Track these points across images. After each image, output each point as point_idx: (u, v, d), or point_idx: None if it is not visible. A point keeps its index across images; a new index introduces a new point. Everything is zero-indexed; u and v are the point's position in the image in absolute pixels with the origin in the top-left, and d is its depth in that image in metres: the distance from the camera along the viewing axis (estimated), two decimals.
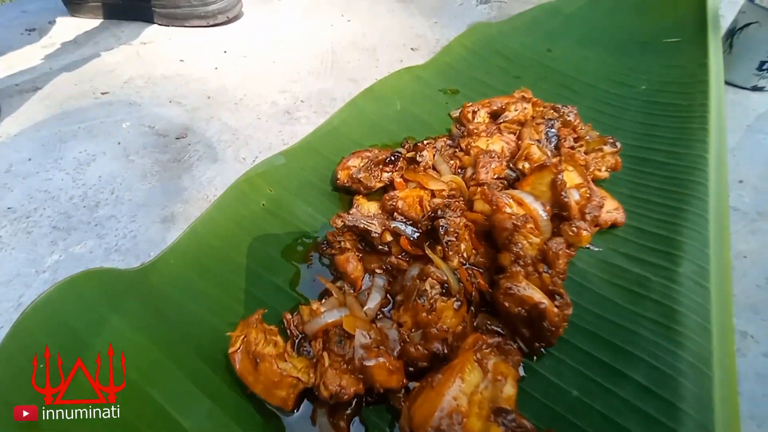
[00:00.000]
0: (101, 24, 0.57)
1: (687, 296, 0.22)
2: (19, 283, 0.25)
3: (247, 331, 0.20)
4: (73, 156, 0.34)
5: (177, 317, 0.22)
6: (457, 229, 0.22)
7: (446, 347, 0.19)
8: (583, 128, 0.34)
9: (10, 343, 0.19)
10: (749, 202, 0.31)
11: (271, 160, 0.30)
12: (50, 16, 0.60)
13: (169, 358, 0.20)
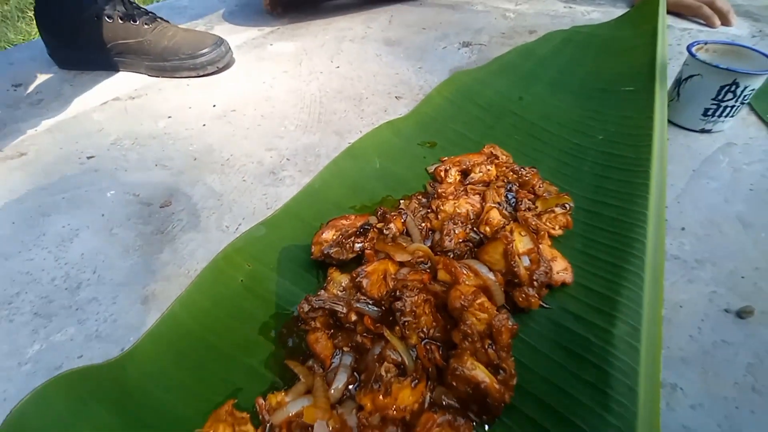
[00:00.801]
0: (90, 77, 0.59)
1: (619, 358, 0.24)
2: (1, 378, 0.27)
3: (218, 418, 0.22)
4: (56, 231, 0.36)
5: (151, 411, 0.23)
6: (414, 308, 0.25)
7: (402, 428, 0.21)
8: (542, 186, 0.37)
9: None
10: (689, 250, 0.34)
11: (251, 232, 0.33)
12: (37, 68, 0.62)
13: None
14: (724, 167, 0.42)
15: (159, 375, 0.24)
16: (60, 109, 0.52)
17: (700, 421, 0.24)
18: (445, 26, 0.74)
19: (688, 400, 0.25)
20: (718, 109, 0.44)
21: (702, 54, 0.46)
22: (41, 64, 0.63)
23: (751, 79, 0.42)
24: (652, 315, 0.27)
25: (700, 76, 0.44)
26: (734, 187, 0.40)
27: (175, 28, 0.58)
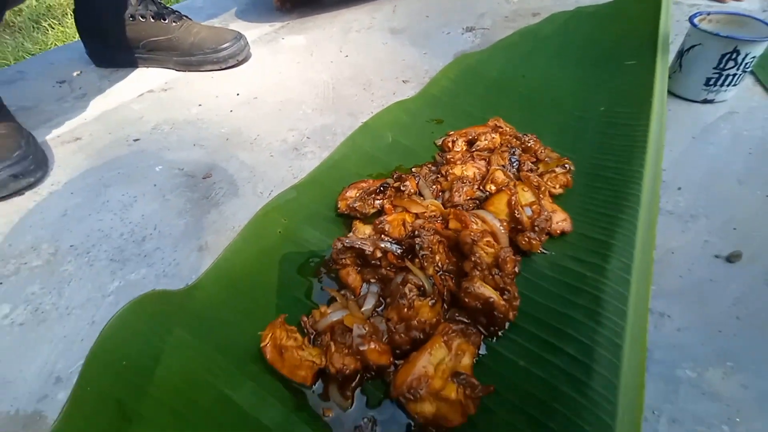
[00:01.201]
0: (124, 72, 0.67)
1: (611, 287, 0.29)
2: (90, 306, 0.33)
3: (273, 330, 0.28)
4: (117, 199, 0.43)
5: (218, 325, 0.30)
6: (431, 245, 0.30)
7: (423, 334, 0.26)
8: (543, 151, 0.42)
9: (99, 348, 0.27)
10: (684, 206, 0.38)
11: (284, 195, 0.39)
12: (76, 67, 0.70)
13: (219, 353, 0.28)
14: (725, 134, 0.46)
15: (219, 303, 0.30)
16: (102, 101, 0.60)
17: (686, 340, 0.29)
18: (448, 13, 0.80)
19: (675, 323, 0.30)
20: (720, 77, 0.48)
21: (704, 24, 0.50)
22: (79, 64, 0.71)
23: (752, 46, 0.46)
24: (644, 254, 0.32)
25: (701, 46, 0.48)
26: (733, 150, 0.44)
27: (199, 26, 0.65)
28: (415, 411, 0.24)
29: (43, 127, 0.55)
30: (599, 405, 0.24)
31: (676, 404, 0.26)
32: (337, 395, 0.26)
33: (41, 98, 0.62)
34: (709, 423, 0.25)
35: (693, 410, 0.25)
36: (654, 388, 0.26)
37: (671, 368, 0.27)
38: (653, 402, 0.26)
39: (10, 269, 0.36)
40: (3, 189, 0.43)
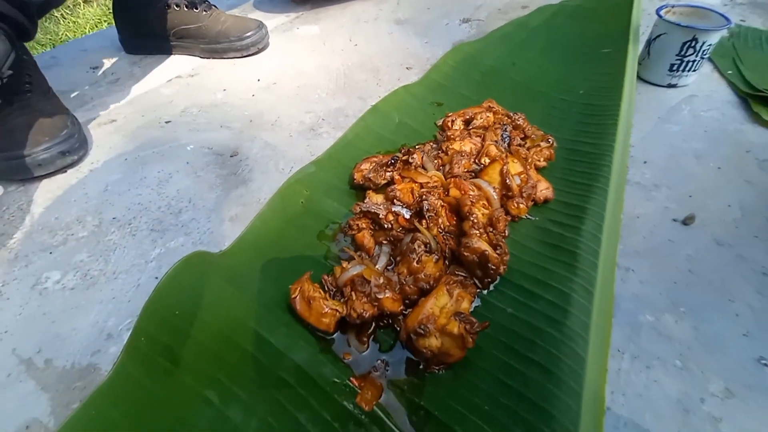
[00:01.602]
0: (153, 59, 0.63)
1: (585, 244, 0.29)
2: (135, 271, 0.33)
3: (301, 285, 0.28)
4: (154, 175, 0.42)
5: (252, 281, 0.30)
6: (435, 208, 0.30)
7: (428, 285, 0.27)
8: (530, 129, 0.41)
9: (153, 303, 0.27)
10: (649, 177, 0.38)
11: (304, 170, 0.38)
12: (108, 53, 0.66)
13: (255, 303, 0.28)
14: (686, 114, 0.45)
15: (252, 264, 0.30)
16: (134, 86, 0.57)
17: (647, 291, 0.30)
18: (447, 5, 0.76)
19: (638, 277, 0.30)
20: (681, 63, 0.47)
21: (669, 16, 0.48)
22: (110, 50, 0.67)
23: (708, 35, 0.44)
24: (613, 218, 0.32)
25: (666, 35, 0.46)
26: (692, 129, 0.43)
27: (225, 15, 0.61)
28: (424, 345, 0.24)
29: (80, 109, 0.53)
30: (574, 340, 0.24)
31: (638, 344, 0.26)
32: (355, 341, 0.27)
33: (76, 83, 0.59)
34: (664, 359, 0.26)
35: (651, 349, 0.26)
36: (620, 331, 0.27)
37: (634, 315, 0.28)
38: (618, 342, 0.27)
39: (58, 240, 0.36)
40: (51, 165, 0.42)
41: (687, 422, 0.23)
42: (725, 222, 0.34)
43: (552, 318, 0.26)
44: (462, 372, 0.24)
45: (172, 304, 0.27)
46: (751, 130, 0.43)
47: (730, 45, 0.58)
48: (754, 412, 0.24)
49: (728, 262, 0.31)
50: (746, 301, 0.28)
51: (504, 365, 0.24)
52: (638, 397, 0.24)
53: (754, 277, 0.30)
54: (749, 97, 0.47)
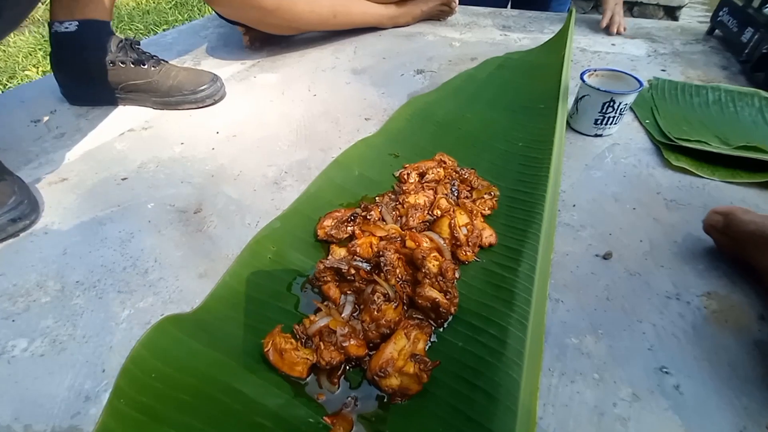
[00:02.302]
0: (101, 110, 0.70)
1: (521, 283, 0.40)
2: (105, 333, 0.38)
3: (273, 338, 0.36)
4: (115, 235, 0.48)
5: (226, 336, 0.37)
6: (392, 262, 0.40)
7: (389, 330, 0.36)
8: (476, 181, 0.53)
9: (131, 364, 0.33)
10: (577, 219, 0.51)
11: (271, 225, 0.46)
12: (49, 105, 0.73)
13: (229, 358, 0.35)
14: (608, 161, 0.60)
15: (224, 319, 0.38)
16: (83, 140, 0.64)
17: (572, 317, 0.40)
18: (402, 55, 0.91)
19: (566, 306, 0.41)
20: (604, 119, 0.63)
21: (591, 79, 0.65)
22: (52, 101, 0.74)
23: (624, 97, 0.61)
24: (545, 257, 0.43)
25: (588, 96, 0.62)
26: (613, 175, 0.58)
27: (177, 68, 0.71)
28: (386, 385, 0.33)
29: (25, 168, 0.58)
30: (511, 367, 0.34)
31: (564, 362, 0.37)
32: (326, 382, 0.34)
33: (17, 138, 0.64)
34: (584, 373, 0.36)
35: (575, 366, 0.36)
36: (550, 352, 0.37)
37: (561, 338, 0.38)
38: (549, 363, 0.36)
39: (20, 307, 0.41)
40: (2, 233, 0.47)
41: (601, 424, 0.33)
42: (637, 255, 0.47)
43: (493, 349, 0.36)
44: (420, 400, 0.33)
45: (148, 367, 0.33)
46: (661, 174, 0.58)
47: (649, 96, 0.76)
48: (656, 412, 0.34)
49: (637, 289, 0.43)
50: (650, 321, 0.40)
51: (455, 392, 0.33)
52: (564, 407, 0.34)
53: (658, 300, 0.42)
54: (661, 145, 0.63)
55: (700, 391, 0.35)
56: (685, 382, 0.36)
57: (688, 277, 0.44)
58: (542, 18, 1.13)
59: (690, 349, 0.38)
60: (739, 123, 0.68)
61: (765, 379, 0.36)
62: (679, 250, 0.47)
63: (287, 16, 0.83)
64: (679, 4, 2.18)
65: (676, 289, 0.43)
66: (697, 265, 0.45)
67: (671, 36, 1.06)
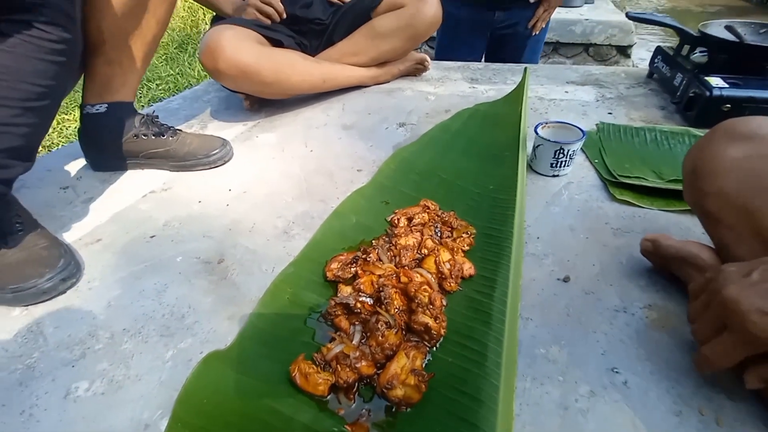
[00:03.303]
0: (122, 175, 0.80)
1: (497, 306, 0.49)
2: (155, 371, 0.45)
3: (298, 364, 0.44)
4: (151, 287, 0.56)
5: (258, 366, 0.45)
6: (391, 296, 0.49)
7: (392, 351, 0.44)
8: (456, 222, 0.63)
9: (185, 394, 0.41)
10: (540, 249, 0.61)
11: (285, 270, 0.55)
12: (75, 172, 0.82)
13: (263, 383, 0.43)
14: (564, 198, 0.72)
15: (255, 353, 0.46)
16: (110, 203, 0.72)
17: (540, 332, 0.49)
18: (384, 110, 1.05)
19: (534, 323, 0.50)
20: (557, 163, 0.75)
21: (543, 131, 0.78)
22: (76, 169, 0.83)
23: (571, 145, 0.74)
24: (515, 283, 0.53)
25: (542, 145, 0.75)
26: (569, 209, 0.69)
27: (191, 136, 0.81)
28: (393, 395, 0.41)
29: (61, 231, 0.66)
30: (492, 375, 0.42)
31: (534, 369, 0.45)
32: (344, 399, 0.42)
33: (50, 204, 0.73)
34: (551, 376, 0.45)
35: (543, 371, 0.45)
36: (522, 361, 0.46)
37: (532, 349, 0.47)
38: (522, 369, 0.45)
39: (76, 354, 0.48)
40: (54, 291, 0.54)
41: (566, 416, 0.41)
42: (590, 276, 0.57)
43: (476, 361, 0.44)
44: (421, 408, 0.41)
45: (199, 395, 0.41)
46: (609, 206, 0.70)
47: (597, 138, 0.90)
48: (609, 404, 0.42)
49: (591, 305, 0.53)
50: (602, 331, 0.49)
51: (448, 399, 0.41)
52: (536, 405, 0.42)
53: (608, 313, 0.52)
54: (607, 182, 0.76)
55: (643, 384, 0.44)
56: (631, 379, 0.45)
57: (632, 293, 0.54)
58: (504, 70, 1.30)
59: (635, 351, 0.47)
60: (673, 158, 0.82)
61: (693, 370, 0.45)
62: (624, 270, 0.58)
63: (284, 86, 0.95)
64: (629, 43, 2.45)
65: (623, 303, 0.53)
66: (639, 282, 0.56)
67: (617, 81, 1.23)
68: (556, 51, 2.55)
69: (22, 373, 0.46)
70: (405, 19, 1.05)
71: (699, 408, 0.42)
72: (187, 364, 0.46)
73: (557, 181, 0.76)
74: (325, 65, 1.06)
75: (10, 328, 0.51)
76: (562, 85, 1.19)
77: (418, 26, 1.06)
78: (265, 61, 0.90)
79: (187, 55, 2.73)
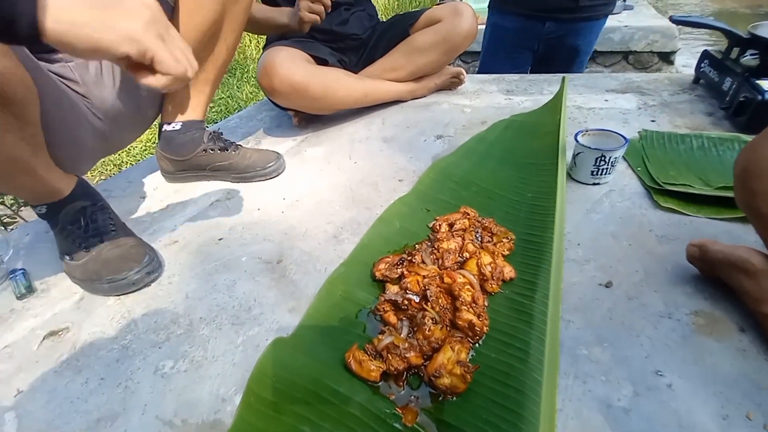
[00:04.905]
0: (192, 186, 0.89)
1: (538, 308, 0.51)
2: (228, 354, 0.51)
3: (352, 352, 0.48)
4: (222, 283, 0.63)
5: (319, 353, 0.49)
6: (435, 294, 0.52)
7: (438, 345, 0.47)
8: (495, 227, 0.66)
9: (257, 372, 0.46)
10: (581, 255, 0.62)
11: (337, 270, 0.60)
12: (151, 183, 0.93)
13: (324, 365, 0.47)
14: (606, 205, 0.72)
15: (315, 340, 0.50)
16: (183, 211, 0.82)
17: (582, 333, 0.51)
18: (422, 123, 1.09)
19: (575, 325, 0.52)
20: (598, 170, 0.76)
21: (583, 138, 0.79)
22: (153, 180, 0.94)
23: (612, 153, 0.74)
24: (556, 287, 0.54)
25: (583, 153, 0.76)
26: (610, 216, 0.69)
27: (250, 151, 0.90)
28: (440, 383, 0.44)
29: (144, 234, 0.75)
30: (534, 371, 0.44)
31: (577, 368, 0.47)
32: (394, 386, 0.46)
33: (133, 211, 0.83)
34: (594, 376, 0.46)
35: (585, 370, 0.46)
36: (565, 361, 0.47)
37: (574, 349, 0.49)
38: (565, 368, 0.47)
39: (162, 337, 0.55)
40: (141, 282, 0.62)
41: (609, 413, 0.42)
42: (633, 282, 0.57)
43: (520, 358, 0.46)
44: (467, 396, 0.44)
45: (269, 373, 0.46)
46: (653, 214, 0.70)
47: (640, 146, 0.89)
48: (653, 404, 0.43)
49: (635, 310, 0.53)
50: (646, 335, 0.50)
51: (492, 390, 0.44)
52: (578, 401, 0.43)
53: (652, 318, 0.52)
54: (651, 189, 0.75)
55: (689, 387, 0.44)
56: (676, 381, 0.45)
57: (677, 299, 0.54)
58: (540, 80, 1.31)
59: (680, 355, 0.47)
60: (722, 165, 0.79)
61: (742, 376, 0.45)
62: (670, 276, 0.57)
63: (330, 101, 1.03)
64: (672, 49, 2.35)
65: (668, 308, 0.53)
66: (686, 288, 0.55)
67: (659, 87, 1.20)
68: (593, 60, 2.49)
69: (119, 351, 0.54)
70: (442, 33, 1.09)
71: (747, 413, 0.41)
72: (255, 349, 0.52)
73: (598, 189, 0.77)
74: (366, 81, 1.12)
75: (106, 314, 0.60)
76: (602, 93, 1.18)
77: (454, 39, 1.10)
78: (314, 78, 0.97)
79: (236, 79, 2.93)
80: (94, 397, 0.48)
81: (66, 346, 0.55)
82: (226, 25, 0.80)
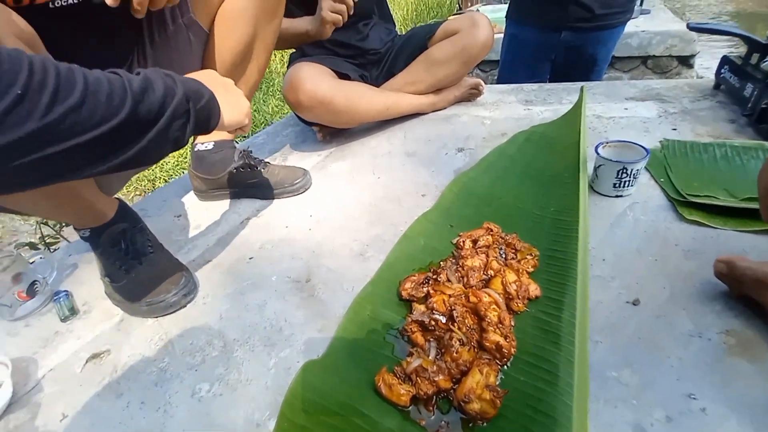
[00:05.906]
0: (222, 204, 0.92)
1: (565, 328, 0.50)
2: (261, 377, 0.52)
3: (382, 375, 0.48)
4: (253, 303, 0.64)
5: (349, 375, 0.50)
6: (462, 314, 0.52)
7: (466, 367, 0.47)
8: (519, 244, 0.65)
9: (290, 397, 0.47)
10: (607, 271, 0.60)
11: (364, 289, 0.61)
12: (184, 203, 0.95)
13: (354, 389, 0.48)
14: (629, 219, 0.70)
15: (345, 362, 0.51)
16: (215, 229, 0.84)
17: (610, 355, 0.49)
18: (443, 137, 1.09)
19: (604, 346, 0.50)
20: (620, 183, 0.74)
21: (604, 150, 0.77)
22: (185, 199, 0.96)
23: (634, 165, 0.72)
24: (582, 305, 0.53)
25: (604, 165, 0.74)
26: (634, 231, 0.68)
27: (278, 168, 0.92)
28: (470, 408, 0.44)
29: (178, 253, 0.78)
30: (563, 394, 0.44)
31: (607, 391, 0.46)
32: (424, 410, 0.46)
33: (168, 230, 0.86)
34: (624, 400, 0.45)
35: (615, 394, 0.45)
36: (594, 384, 0.46)
37: (603, 372, 0.48)
38: (593, 391, 0.46)
39: (197, 360, 0.57)
40: (178, 305, 0.64)
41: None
42: (661, 300, 0.55)
43: (549, 381, 0.46)
44: (497, 422, 0.43)
45: (301, 398, 0.47)
46: (678, 227, 0.67)
47: (662, 156, 0.86)
48: (687, 430, 0.42)
49: (663, 329, 0.51)
50: (677, 356, 0.48)
51: (522, 415, 0.43)
52: (609, 426, 0.42)
53: (682, 338, 0.50)
54: (675, 201, 0.73)
55: (723, 412, 0.43)
56: (710, 406, 0.43)
57: (707, 317, 0.52)
58: (559, 89, 1.29)
59: (712, 377, 0.46)
60: (747, 175, 0.76)
61: None
62: (698, 294, 0.55)
63: (353, 113, 1.04)
64: (692, 53, 2.27)
65: (697, 328, 0.51)
66: (715, 306, 0.53)
67: (680, 94, 1.16)
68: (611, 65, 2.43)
69: (157, 375, 0.55)
70: (460, 44, 1.09)
71: None
72: (287, 372, 0.53)
73: (621, 201, 0.75)
74: (388, 94, 1.13)
75: (145, 335, 0.61)
76: (621, 101, 1.15)
77: (472, 50, 1.09)
78: (338, 92, 0.99)
79: (261, 93, 2.98)
80: (135, 421, 0.50)
81: (107, 369, 0.57)
82: (258, 45, 0.82)
